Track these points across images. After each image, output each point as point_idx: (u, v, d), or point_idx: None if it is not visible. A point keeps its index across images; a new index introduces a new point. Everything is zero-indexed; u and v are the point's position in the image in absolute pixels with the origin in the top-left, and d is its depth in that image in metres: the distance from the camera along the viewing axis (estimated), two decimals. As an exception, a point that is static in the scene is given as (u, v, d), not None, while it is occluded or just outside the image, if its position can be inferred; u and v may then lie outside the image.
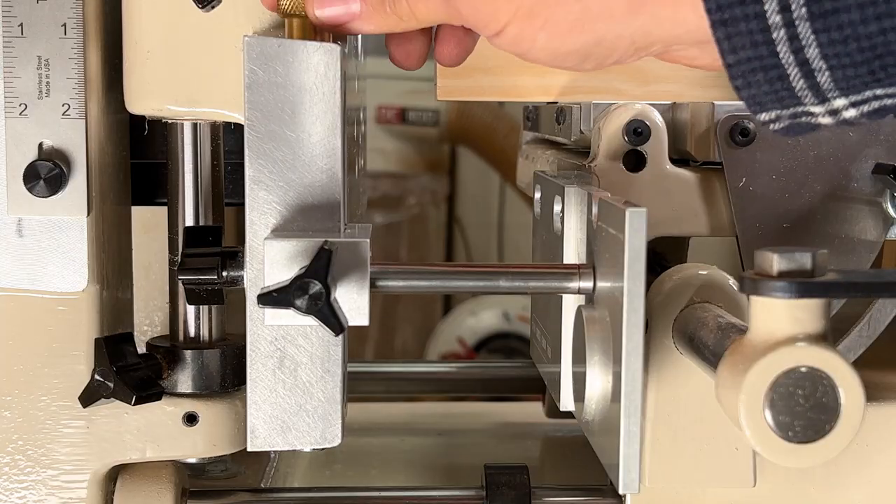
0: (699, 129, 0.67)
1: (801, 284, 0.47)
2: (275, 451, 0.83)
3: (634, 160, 0.67)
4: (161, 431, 0.67)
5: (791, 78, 0.44)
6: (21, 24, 0.63)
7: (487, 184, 2.41)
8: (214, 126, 0.68)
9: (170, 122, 0.67)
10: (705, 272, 0.62)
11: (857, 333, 0.69)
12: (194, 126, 0.67)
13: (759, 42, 0.44)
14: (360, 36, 0.82)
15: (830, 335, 0.48)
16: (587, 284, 0.61)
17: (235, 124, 0.65)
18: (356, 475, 0.87)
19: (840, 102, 0.45)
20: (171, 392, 0.67)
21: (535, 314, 0.83)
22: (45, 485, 0.67)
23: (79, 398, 0.65)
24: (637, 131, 0.67)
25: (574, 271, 0.61)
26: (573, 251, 0.67)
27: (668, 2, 0.47)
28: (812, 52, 0.43)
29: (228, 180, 0.72)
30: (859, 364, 0.52)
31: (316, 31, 0.59)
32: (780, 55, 0.44)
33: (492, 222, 2.44)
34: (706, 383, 0.61)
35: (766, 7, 0.43)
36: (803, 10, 0.42)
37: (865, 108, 0.45)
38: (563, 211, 0.67)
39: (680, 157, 0.69)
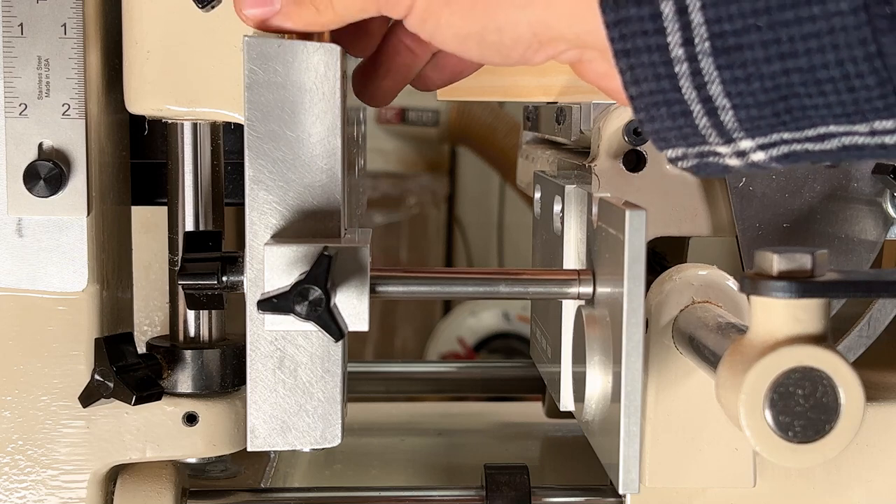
0: (699, 129, 0.67)
1: (801, 284, 0.47)
2: (275, 451, 0.83)
3: (634, 160, 0.67)
4: (161, 431, 0.67)
5: (694, 114, 0.43)
6: (21, 24, 0.63)
7: (487, 184, 2.41)
8: (214, 126, 0.68)
9: (170, 122, 0.67)
10: (705, 272, 0.62)
11: (857, 333, 0.69)
12: (194, 126, 0.67)
13: (662, 75, 0.42)
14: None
15: (830, 335, 0.48)
16: (587, 290, 0.61)
17: (235, 124, 0.65)
18: (356, 475, 0.87)
19: (746, 144, 0.43)
20: (171, 392, 0.67)
21: (535, 314, 0.83)
22: (45, 485, 0.67)
23: (79, 398, 0.65)
24: (637, 131, 0.67)
25: (574, 277, 0.61)
26: (573, 251, 0.67)
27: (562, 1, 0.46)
28: (715, 89, 0.42)
29: (228, 180, 0.72)
30: (859, 364, 0.52)
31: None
32: (683, 90, 0.42)
33: (492, 222, 2.44)
34: (706, 383, 0.61)
35: (669, 39, 0.41)
36: (706, 44, 0.41)
37: (774, 151, 0.43)
38: (563, 211, 0.67)
39: (680, 157, 0.69)
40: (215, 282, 0.59)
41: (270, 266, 0.55)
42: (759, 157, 0.44)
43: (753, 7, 0.39)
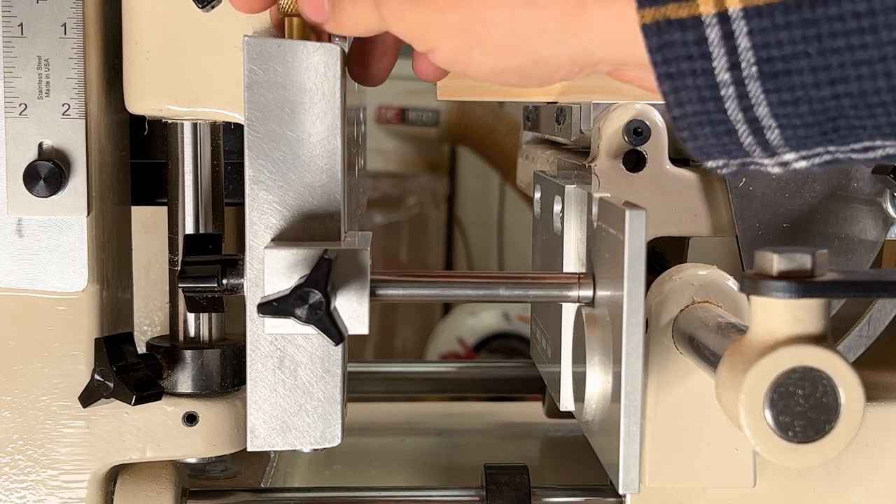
0: (699, 129, 0.67)
1: (801, 284, 0.47)
2: (275, 451, 0.83)
3: (634, 160, 0.67)
4: (161, 431, 0.67)
5: (739, 133, 0.43)
6: (21, 24, 0.63)
7: (487, 184, 2.41)
8: (214, 126, 0.68)
9: (170, 122, 0.67)
10: (705, 272, 0.62)
11: (857, 333, 0.69)
12: (194, 126, 0.67)
13: (707, 98, 0.42)
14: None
15: (830, 335, 0.48)
16: (587, 293, 0.61)
17: (235, 124, 0.65)
18: (356, 475, 0.87)
19: (790, 157, 0.44)
20: (171, 392, 0.67)
21: (535, 314, 0.83)
22: (45, 485, 0.67)
23: (79, 398, 0.65)
24: (637, 131, 0.67)
25: (574, 280, 0.61)
26: (573, 251, 0.67)
27: (608, 22, 0.45)
28: (762, 111, 0.42)
29: (228, 180, 0.72)
30: (859, 364, 0.52)
31: (315, 30, 0.59)
32: (729, 111, 0.42)
33: (492, 222, 2.44)
34: (706, 383, 0.61)
35: (715, 64, 0.41)
36: (754, 69, 0.41)
37: (816, 160, 0.44)
38: (563, 211, 0.67)
39: (680, 157, 0.69)
40: (215, 285, 0.59)
41: (270, 269, 0.55)
42: (801, 165, 0.44)
43: (804, 34, 0.40)
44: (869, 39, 0.39)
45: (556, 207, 0.68)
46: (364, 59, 0.60)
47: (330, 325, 0.53)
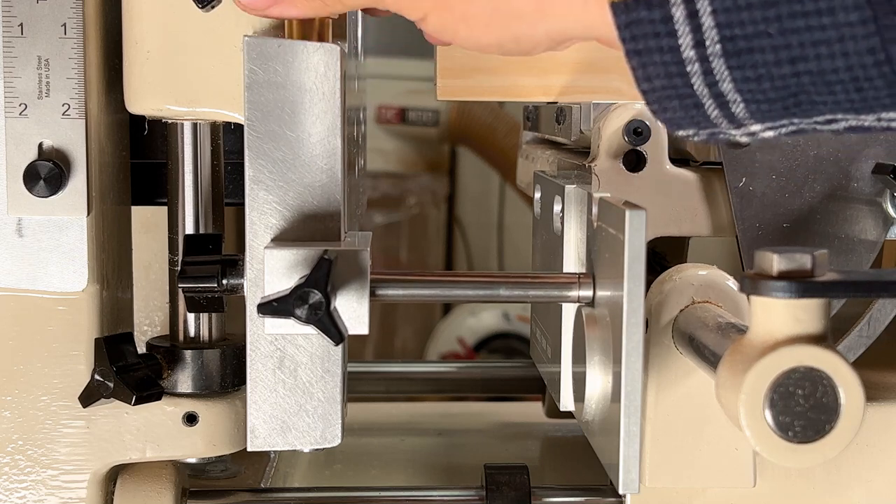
0: (699, 129, 0.67)
1: (801, 284, 0.47)
2: (275, 451, 0.83)
3: (634, 160, 0.67)
4: (161, 431, 0.67)
5: (706, 107, 0.45)
6: (21, 24, 0.63)
7: (487, 184, 2.41)
8: (214, 126, 0.68)
9: (170, 122, 0.67)
10: (705, 272, 0.62)
11: (857, 333, 0.69)
12: (194, 126, 0.67)
13: (674, 73, 0.44)
14: (360, 36, 0.82)
15: (830, 335, 0.48)
16: (587, 293, 0.61)
17: (235, 124, 0.65)
18: (356, 475, 0.87)
19: (756, 128, 0.46)
20: (171, 392, 0.67)
21: (535, 314, 0.83)
22: (45, 485, 0.67)
23: (79, 398, 0.65)
24: (637, 131, 0.67)
25: (574, 281, 0.61)
26: (573, 251, 0.67)
27: (580, 3, 0.47)
28: (726, 87, 0.43)
29: (228, 180, 0.72)
30: (859, 364, 0.52)
31: (316, 31, 0.59)
32: (695, 87, 0.44)
33: (492, 222, 2.43)
34: (706, 383, 0.61)
35: (681, 41, 0.43)
36: (717, 46, 0.42)
37: (783, 130, 0.46)
38: (563, 211, 0.67)
39: (680, 157, 0.69)
40: (215, 285, 0.59)
41: (270, 269, 0.55)
42: (768, 135, 0.46)
43: (764, 15, 0.41)
44: (827, 21, 0.40)
45: (556, 207, 0.68)
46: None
47: (330, 326, 0.53)
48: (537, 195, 0.77)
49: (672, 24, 0.43)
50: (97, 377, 0.64)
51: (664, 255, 0.82)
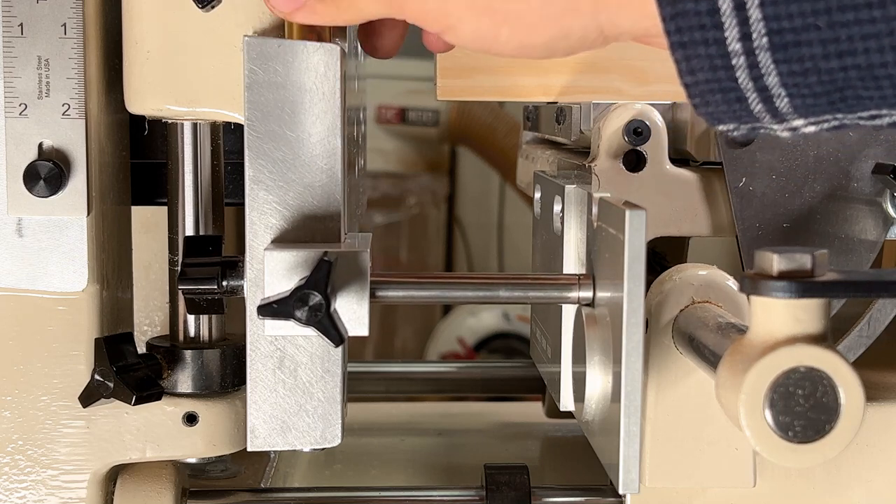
0: (699, 129, 0.67)
1: (801, 284, 0.47)
2: (275, 451, 0.83)
3: (634, 160, 0.67)
4: (161, 431, 0.67)
5: (749, 101, 0.44)
6: (21, 24, 0.63)
7: (487, 184, 2.41)
8: (214, 126, 0.68)
9: (170, 122, 0.67)
10: (705, 272, 0.62)
11: (857, 333, 0.69)
12: (194, 126, 0.67)
13: (718, 66, 0.43)
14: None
15: (830, 335, 0.48)
16: (587, 294, 0.61)
17: (235, 124, 0.65)
18: (356, 475, 0.87)
19: (798, 123, 0.45)
20: (171, 392, 0.67)
21: (535, 314, 0.83)
22: (45, 485, 0.67)
23: (79, 398, 0.65)
24: (637, 131, 0.67)
25: (574, 282, 0.61)
26: (573, 251, 0.67)
27: None
28: (772, 81, 0.43)
29: (228, 180, 0.72)
30: (859, 364, 0.52)
31: (316, 31, 0.59)
32: (739, 80, 0.44)
33: (492, 222, 2.43)
34: (706, 383, 0.61)
35: (727, 34, 0.42)
36: (764, 40, 0.42)
37: (825, 125, 0.45)
38: (563, 211, 0.67)
39: (680, 157, 0.69)
40: (215, 286, 0.59)
41: (270, 271, 0.55)
42: (809, 129, 0.46)
43: (813, 8, 0.41)
44: (877, 14, 0.40)
45: (556, 207, 0.68)
46: (375, 31, 0.59)
47: (330, 327, 0.53)
48: (537, 195, 0.77)
49: (718, 17, 0.42)
50: (97, 377, 0.64)
51: (664, 255, 0.83)
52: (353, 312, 0.56)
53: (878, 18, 0.40)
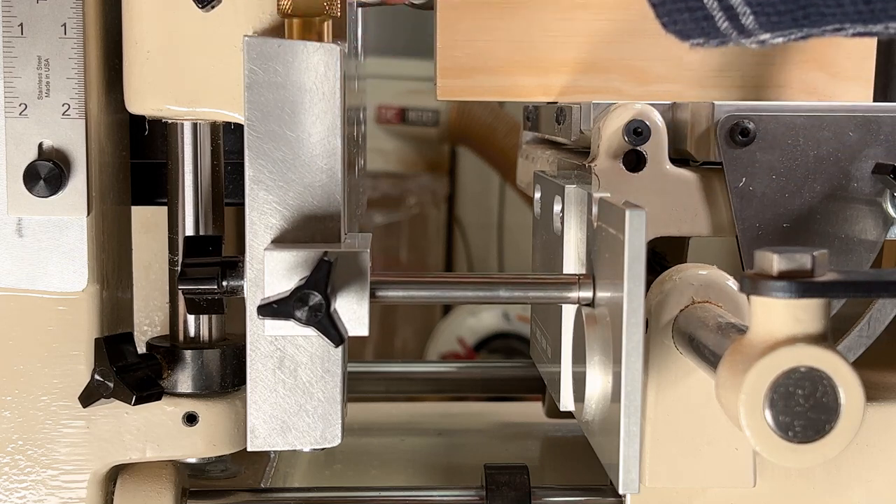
0: (699, 129, 0.67)
1: (801, 284, 0.47)
2: (275, 451, 0.83)
3: (634, 160, 0.67)
4: (161, 431, 0.67)
5: (716, 19, 0.45)
6: (21, 24, 0.63)
7: (487, 184, 2.40)
8: (214, 126, 0.68)
9: (170, 122, 0.67)
10: (705, 272, 0.62)
11: (857, 333, 0.69)
12: (194, 126, 0.67)
13: None
14: (360, 36, 0.82)
15: (830, 335, 0.48)
16: (587, 294, 0.61)
17: (235, 124, 0.65)
18: (356, 475, 0.87)
19: (766, 36, 0.46)
20: (171, 392, 0.67)
21: (535, 314, 0.83)
22: (45, 485, 0.67)
23: (79, 398, 0.65)
24: (637, 131, 0.67)
25: (574, 281, 0.61)
26: (573, 251, 0.67)
27: None
28: (736, 1, 0.44)
29: (228, 180, 0.72)
30: (859, 364, 0.52)
31: (316, 31, 0.59)
32: (706, 2, 0.44)
33: (492, 222, 2.43)
34: (706, 383, 0.61)
35: None
36: None
37: (792, 37, 0.46)
38: (563, 211, 0.67)
39: (680, 157, 0.69)
40: (215, 287, 0.59)
41: (270, 271, 0.55)
42: (777, 41, 0.46)
43: None
44: None
45: (556, 207, 0.68)
46: None
47: (330, 327, 0.53)
48: (537, 195, 0.77)
49: None
50: (97, 377, 0.64)
51: (664, 255, 0.82)
52: (353, 312, 0.56)
53: None
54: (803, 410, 0.47)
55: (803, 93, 0.77)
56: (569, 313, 0.67)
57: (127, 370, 0.64)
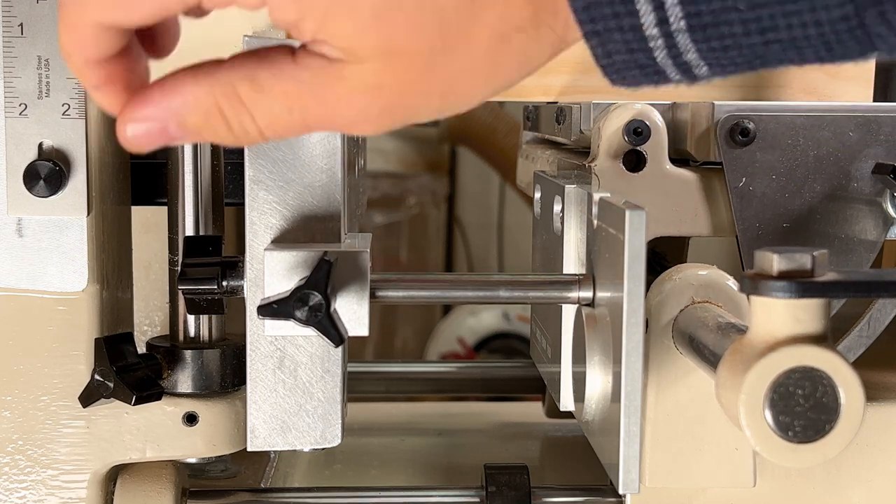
0: (699, 129, 0.67)
1: (801, 284, 0.47)
2: (275, 451, 0.83)
3: (634, 160, 0.67)
4: (161, 431, 0.67)
5: (668, 74, 0.44)
6: (21, 24, 0.63)
7: (487, 184, 2.41)
8: (214, 126, 0.68)
9: (170, 122, 0.67)
10: (705, 272, 0.62)
11: (857, 333, 0.69)
12: (194, 126, 0.67)
13: (636, 49, 0.43)
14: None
15: (830, 335, 0.48)
16: (587, 294, 0.61)
17: (235, 124, 0.65)
18: (356, 475, 0.87)
19: (714, 77, 0.46)
20: (171, 392, 0.67)
21: (535, 314, 0.83)
22: (45, 485, 0.67)
23: (79, 398, 0.65)
24: (637, 131, 0.67)
25: (574, 281, 0.61)
26: (573, 251, 0.67)
27: (533, 37, 0.45)
28: (691, 57, 0.43)
29: (228, 180, 0.72)
30: (859, 364, 0.52)
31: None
32: (658, 59, 0.44)
33: (492, 222, 2.44)
34: (706, 383, 0.61)
35: (643, 20, 0.42)
36: (682, 23, 0.42)
37: (738, 73, 0.46)
38: (563, 211, 0.67)
39: (680, 157, 0.69)
40: (215, 287, 0.59)
41: (271, 271, 0.55)
42: (721, 77, 0.46)
43: None
44: None
45: (556, 207, 0.68)
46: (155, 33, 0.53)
47: (330, 327, 0.53)
48: (537, 195, 0.77)
49: (633, 5, 0.42)
50: (97, 377, 0.64)
51: (664, 255, 0.82)
52: (353, 312, 0.56)
53: None
54: (803, 410, 0.47)
55: (803, 93, 0.77)
56: (569, 313, 0.67)
57: (127, 370, 0.64)
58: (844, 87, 0.77)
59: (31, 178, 0.63)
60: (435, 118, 0.48)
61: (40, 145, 0.64)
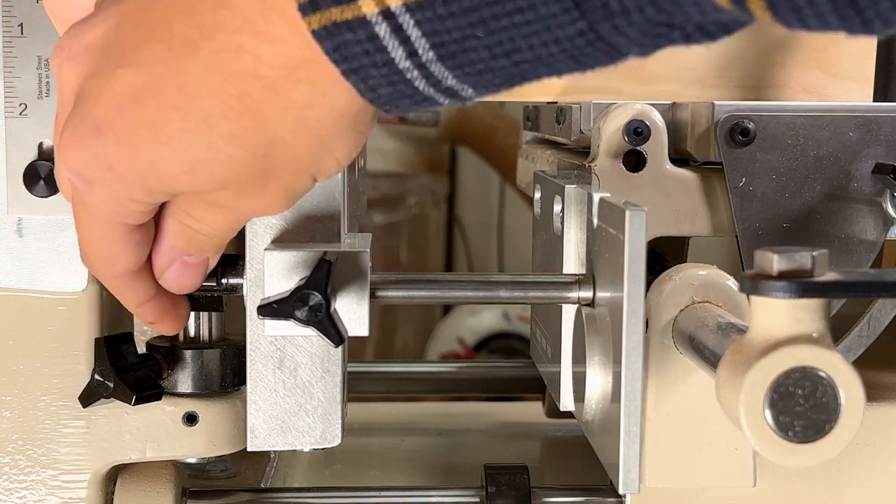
0: (699, 129, 0.67)
1: (801, 284, 0.47)
2: (275, 451, 0.83)
3: (634, 160, 0.67)
4: (161, 431, 0.67)
5: (437, 100, 0.45)
6: (21, 24, 0.63)
7: (487, 184, 2.41)
8: (214, 126, 0.68)
9: (170, 122, 0.67)
10: (705, 272, 0.62)
11: (857, 333, 0.69)
12: (194, 126, 0.67)
13: (397, 81, 0.44)
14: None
15: (830, 335, 0.48)
16: (587, 294, 0.61)
17: (235, 124, 0.65)
18: (356, 475, 0.87)
19: (485, 96, 0.47)
20: (171, 392, 0.67)
21: (535, 314, 0.83)
22: (45, 485, 0.67)
23: (78, 398, 0.65)
24: (637, 131, 0.67)
25: (574, 281, 0.61)
26: (573, 251, 0.67)
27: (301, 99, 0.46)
28: (452, 82, 0.44)
29: (228, 180, 0.71)
30: (859, 364, 0.52)
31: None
32: (421, 89, 0.45)
33: (492, 222, 2.44)
34: (706, 383, 0.61)
35: (393, 55, 0.43)
36: (431, 54, 0.43)
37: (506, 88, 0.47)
38: (563, 211, 0.67)
39: (680, 157, 0.69)
40: (215, 284, 0.59)
41: (270, 271, 0.55)
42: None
43: (468, 21, 0.42)
44: (530, 16, 0.41)
45: (556, 207, 0.68)
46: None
47: (330, 327, 0.53)
48: (537, 195, 0.77)
49: (380, 41, 0.43)
50: (97, 377, 0.64)
51: (664, 255, 0.82)
52: (353, 312, 0.56)
53: (532, 20, 0.41)
54: (803, 410, 0.47)
55: (803, 93, 0.77)
56: (569, 313, 0.67)
57: (127, 370, 0.64)
58: (844, 87, 0.77)
59: (31, 178, 0.63)
60: (317, 177, 0.50)
61: (40, 145, 0.64)
